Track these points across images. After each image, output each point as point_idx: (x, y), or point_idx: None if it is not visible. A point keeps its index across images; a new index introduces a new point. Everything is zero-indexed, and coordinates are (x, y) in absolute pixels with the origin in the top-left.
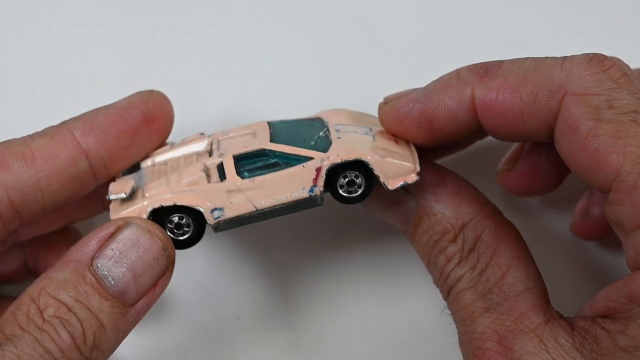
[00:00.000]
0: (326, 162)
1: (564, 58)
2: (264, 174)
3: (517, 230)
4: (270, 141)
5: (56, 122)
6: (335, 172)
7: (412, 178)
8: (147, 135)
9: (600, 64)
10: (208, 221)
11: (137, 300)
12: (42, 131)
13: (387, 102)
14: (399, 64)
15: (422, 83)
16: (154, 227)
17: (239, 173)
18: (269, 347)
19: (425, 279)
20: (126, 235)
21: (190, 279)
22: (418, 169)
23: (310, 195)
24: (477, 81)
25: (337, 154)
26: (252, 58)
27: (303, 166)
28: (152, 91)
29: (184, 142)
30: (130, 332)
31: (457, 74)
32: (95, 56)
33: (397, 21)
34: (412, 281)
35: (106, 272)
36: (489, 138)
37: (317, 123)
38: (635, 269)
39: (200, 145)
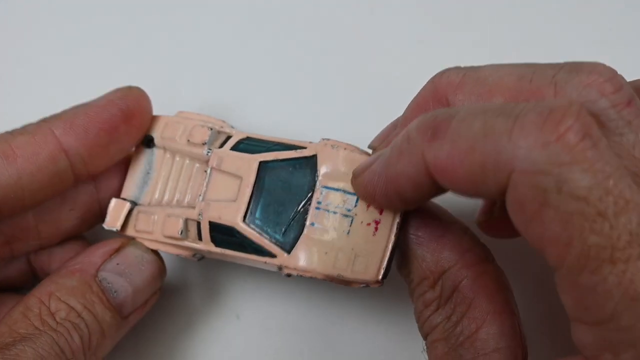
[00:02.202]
0: (285, 270)
1: (515, 119)
2: (233, 249)
3: (500, 279)
4: (244, 219)
5: (36, 117)
6: None
7: (375, 285)
8: (125, 132)
9: (555, 128)
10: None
11: (130, 314)
12: (22, 128)
13: (356, 177)
14: (393, 57)
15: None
16: (155, 250)
17: (213, 239)
18: (269, 347)
19: None
20: (131, 252)
21: (189, 279)
22: (380, 277)
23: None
24: (426, 145)
25: (295, 265)
26: (244, 54)
27: (265, 261)
28: (130, 87)
29: (191, 141)
30: (128, 331)
31: (407, 136)
32: (80, 51)
33: (395, 24)
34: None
35: (110, 284)
36: None
37: (306, 179)
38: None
39: (203, 153)
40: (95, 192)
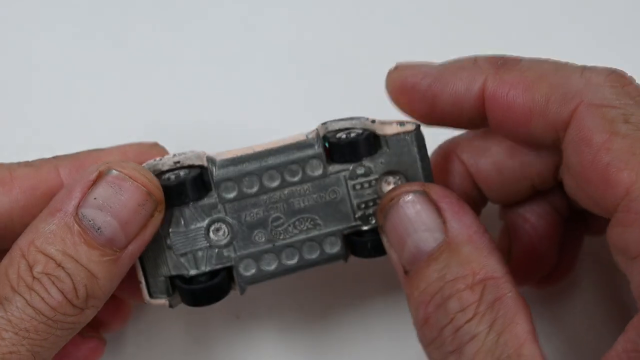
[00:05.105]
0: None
1: (585, 66)
2: None
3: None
4: None
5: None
6: None
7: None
8: None
9: (620, 79)
10: None
11: (127, 244)
12: (30, 161)
13: (397, 69)
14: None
15: None
16: (136, 172)
17: None
18: (269, 347)
19: None
20: (108, 182)
21: None
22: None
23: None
24: (493, 72)
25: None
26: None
27: None
28: (153, 145)
29: None
30: (129, 332)
31: (474, 59)
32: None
33: (392, 21)
34: None
35: (92, 221)
36: None
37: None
38: None
39: None
40: None
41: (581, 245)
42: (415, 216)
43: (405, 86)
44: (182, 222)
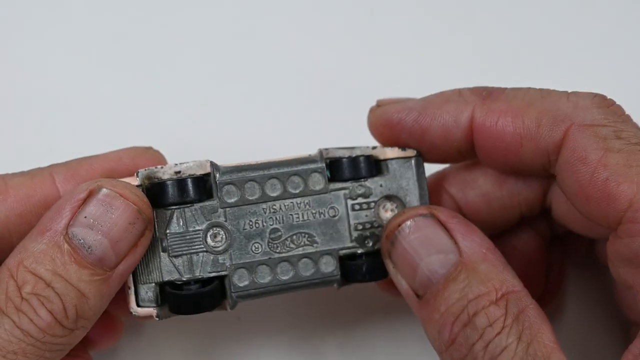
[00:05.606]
0: None
1: (569, 92)
2: None
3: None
4: None
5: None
6: None
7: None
8: None
9: (604, 101)
10: None
11: (117, 264)
12: (26, 171)
13: (380, 106)
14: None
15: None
16: (127, 190)
17: None
18: (270, 349)
19: None
20: (99, 200)
21: None
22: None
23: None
24: (479, 102)
25: None
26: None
27: None
28: (147, 149)
29: None
30: (129, 333)
31: (458, 92)
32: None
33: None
34: None
35: (82, 240)
36: None
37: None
38: None
39: None
40: None
41: (565, 268)
42: (425, 240)
43: (391, 122)
44: (181, 223)
